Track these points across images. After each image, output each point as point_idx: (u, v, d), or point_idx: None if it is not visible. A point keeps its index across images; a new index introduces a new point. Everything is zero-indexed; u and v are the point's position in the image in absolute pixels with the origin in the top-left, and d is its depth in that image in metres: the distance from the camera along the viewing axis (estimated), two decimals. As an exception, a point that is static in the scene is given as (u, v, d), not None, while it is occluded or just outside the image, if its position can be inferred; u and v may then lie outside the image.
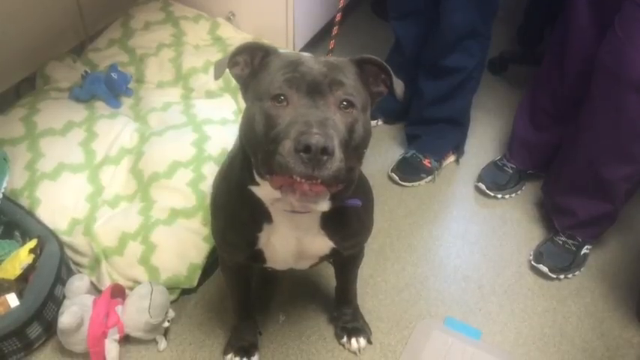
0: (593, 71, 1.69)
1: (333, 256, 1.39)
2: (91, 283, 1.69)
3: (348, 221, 1.28)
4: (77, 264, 1.78)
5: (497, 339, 1.72)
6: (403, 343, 1.68)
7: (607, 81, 1.65)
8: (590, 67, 1.71)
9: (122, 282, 1.70)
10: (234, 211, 1.27)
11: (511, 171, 2.17)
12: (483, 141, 2.39)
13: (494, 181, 2.16)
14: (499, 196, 2.15)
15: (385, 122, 2.44)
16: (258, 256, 1.31)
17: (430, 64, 2.10)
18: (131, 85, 2.14)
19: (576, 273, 1.91)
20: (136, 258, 1.70)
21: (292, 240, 1.26)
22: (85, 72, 2.09)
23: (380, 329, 1.72)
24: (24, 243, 1.70)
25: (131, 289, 1.66)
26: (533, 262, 1.92)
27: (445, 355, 1.63)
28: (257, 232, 1.25)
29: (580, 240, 1.92)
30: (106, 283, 1.68)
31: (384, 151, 2.33)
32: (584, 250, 1.93)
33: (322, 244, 1.29)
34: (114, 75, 2.02)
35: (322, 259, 1.38)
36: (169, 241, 1.72)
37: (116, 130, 1.95)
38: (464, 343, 1.66)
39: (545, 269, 1.88)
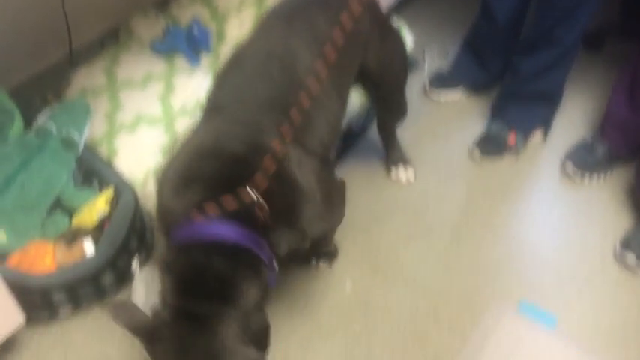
0: None
1: None
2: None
3: None
4: (150, 214, 1.80)
5: (573, 328, 1.62)
6: (473, 325, 1.62)
7: None
8: None
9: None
10: None
11: (601, 152, 2.01)
12: (573, 119, 2.23)
13: (582, 162, 2.02)
14: (586, 178, 2.02)
15: (469, 93, 2.31)
16: None
17: (530, 35, 1.96)
18: (211, 42, 2.12)
19: (666, 266, 1.78)
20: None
21: None
22: (167, 26, 2.09)
23: (450, 309, 1.66)
24: (101, 191, 1.73)
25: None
26: (618, 250, 1.79)
27: (517, 341, 1.56)
28: None
29: (672, 232, 1.78)
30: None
31: (464, 125, 2.21)
32: (676, 243, 1.79)
33: None
34: (195, 31, 2.01)
35: None
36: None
37: (193, 85, 1.96)
38: (537, 331, 1.58)
39: (631, 258, 1.76)
